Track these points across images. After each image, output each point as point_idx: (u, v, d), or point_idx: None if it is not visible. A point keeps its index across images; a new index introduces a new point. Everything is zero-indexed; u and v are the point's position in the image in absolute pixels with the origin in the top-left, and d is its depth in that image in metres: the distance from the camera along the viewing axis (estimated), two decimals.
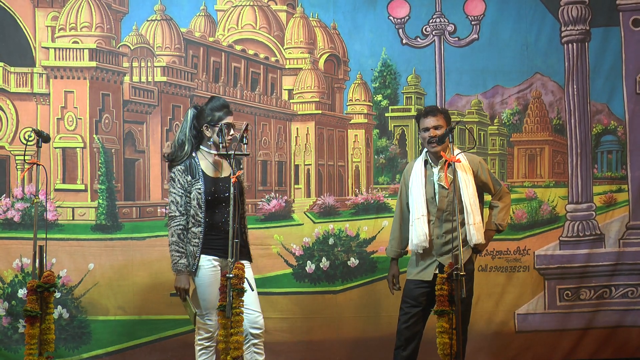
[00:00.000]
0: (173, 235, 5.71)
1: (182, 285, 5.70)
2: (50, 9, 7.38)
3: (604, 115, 7.88)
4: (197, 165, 5.75)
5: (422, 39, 7.77)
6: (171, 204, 5.74)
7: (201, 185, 5.72)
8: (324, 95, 7.76)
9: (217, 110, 5.75)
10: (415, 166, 6.23)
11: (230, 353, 5.57)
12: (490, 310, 7.63)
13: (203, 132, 5.79)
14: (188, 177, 5.72)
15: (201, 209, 5.72)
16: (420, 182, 6.14)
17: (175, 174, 5.74)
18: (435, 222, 6.13)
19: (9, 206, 7.25)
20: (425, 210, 6.11)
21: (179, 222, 5.72)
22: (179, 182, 5.72)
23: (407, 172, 6.31)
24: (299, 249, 7.58)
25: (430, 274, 6.10)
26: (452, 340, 5.66)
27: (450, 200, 6.06)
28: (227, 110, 5.79)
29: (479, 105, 7.83)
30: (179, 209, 5.72)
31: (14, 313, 7.14)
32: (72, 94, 7.35)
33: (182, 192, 5.73)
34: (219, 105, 5.78)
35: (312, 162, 7.71)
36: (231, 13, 7.72)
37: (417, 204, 6.13)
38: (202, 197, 5.72)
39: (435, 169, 6.14)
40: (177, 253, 5.69)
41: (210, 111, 5.77)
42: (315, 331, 7.54)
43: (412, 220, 6.16)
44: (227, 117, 5.77)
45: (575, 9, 7.79)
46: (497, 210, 6.24)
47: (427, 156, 6.20)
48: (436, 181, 6.12)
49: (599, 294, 7.75)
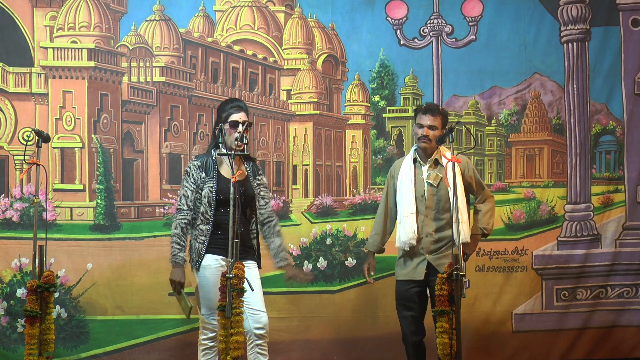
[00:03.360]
0: (177, 227, 5.71)
1: (178, 278, 5.70)
2: (49, 9, 7.37)
3: (602, 115, 7.90)
4: (214, 165, 5.74)
5: (419, 39, 7.78)
6: (182, 197, 5.74)
7: (214, 183, 5.71)
8: (322, 95, 7.77)
9: (227, 107, 5.78)
10: (404, 164, 6.24)
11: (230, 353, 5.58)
12: (488, 310, 7.64)
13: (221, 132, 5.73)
14: (202, 173, 5.73)
15: (211, 207, 5.72)
16: (410, 179, 6.15)
17: (191, 168, 5.76)
18: (424, 220, 6.14)
19: (7, 206, 7.25)
20: (415, 208, 6.12)
21: (184, 215, 5.72)
22: (192, 177, 5.73)
23: (395, 169, 6.31)
24: (296, 249, 7.59)
25: (422, 273, 6.11)
26: (452, 340, 5.67)
27: (439, 198, 6.08)
28: (237, 107, 5.76)
29: (476, 106, 7.84)
30: (187, 204, 5.73)
31: (13, 313, 7.14)
32: (71, 94, 7.34)
33: (194, 187, 5.72)
34: (229, 102, 5.83)
35: (310, 163, 7.71)
36: (230, 13, 7.73)
37: (406, 202, 6.14)
38: (214, 195, 5.71)
39: (424, 167, 6.15)
40: (178, 246, 5.69)
41: (219, 111, 5.83)
42: (312, 331, 7.55)
43: (401, 217, 6.17)
44: (235, 114, 5.74)
45: (575, 9, 7.80)
46: (482, 214, 6.24)
47: (416, 154, 6.21)
48: (425, 179, 6.14)
49: (595, 294, 7.77)
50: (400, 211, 6.18)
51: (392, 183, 6.31)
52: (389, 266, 7.50)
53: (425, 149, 6.12)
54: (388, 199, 6.34)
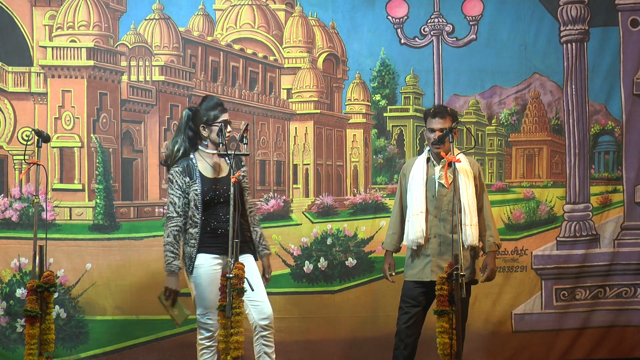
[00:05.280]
0: (169, 235, 5.72)
1: (173, 286, 5.72)
2: (48, 8, 7.35)
3: (601, 115, 7.90)
4: (195, 167, 5.77)
5: (420, 39, 7.78)
6: (169, 204, 5.76)
7: (198, 186, 5.74)
8: (322, 94, 7.75)
9: (212, 109, 5.79)
10: (416, 163, 6.24)
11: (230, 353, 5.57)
12: (488, 310, 7.65)
13: (200, 133, 5.81)
14: (186, 178, 5.75)
15: (198, 210, 5.75)
16: (422, 178, 6.16)
17: (174, 175, 5.77)
18: (433, 220, 6.13)
19: (6, 206, 7.22)
20: (424, 207, 6.12)
21: (176, 223, 5.74)
22: (177, 184, 5.74)
23: (407, 167, 6.31)
24: (297, 249, 7.57)
25: (429, 274, 6.10)
26: (452, 340, 5.67)
27: (449, 199, 6.07)
28: (222, 108, 5.83)
29: (476, 105, 7.84)
30: (176, 210, 5.74)
31: (12, 313, 7.12)
32: (70, 93, 7.32)
33: (179, 194, 5.75)
34: (213, 104, 5.82)
35: (311, 162, 7.70)
36: (229, 12, 7.71)
37: (417, 200, 6.14)
38: (199, 198, 5.74)
39: (437, 167, 6.15)
40: (172, 254, 5.70)
41: (205, 111, 5.81)
42: (313, 331, 7.55)
43: (410, 215, 6.17)
44: (222, 115, 5.80)
45: (575, 9, 7.81)
46: (492, 231, 6.24)
47: (429, 154, 6.22)
48: (437, 180, 6.13)
49: (594, 294, 7.78)
50: (410, 209, 6.18)
51: (404, 182, 6.30)
52: None
53: (439, 154, 6.11)
54: (401, 198, 6.33)
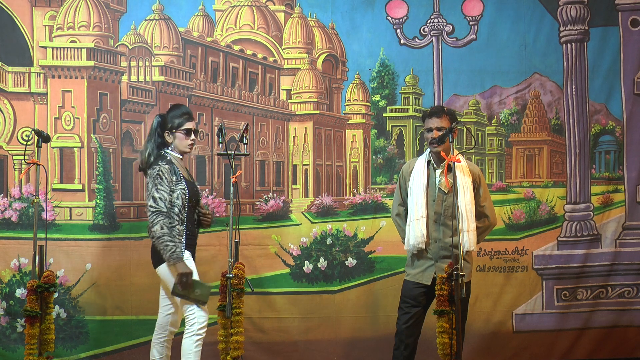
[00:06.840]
0: (163, 227, 5.79)
1: (187, 270, 5.79)
2: (48, 8, 7.36)
3: (602, 115, 7.90)
4: (176, 167, 5.95)
5: (420, 39, 7.77)
6: (159, 200, 5.83)
7: (184, 185, 5.92)
8: (322, 95, 7.75)
9: (178, 117, 6.05)
10: (417, 165, 6.22)
11: (230, 353, 5.57)
12: (488, 310, 7.64)
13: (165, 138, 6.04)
14: (173, 176, 5.91)
15: (185, 208, 5.91)
16: (422, 182, 6.14)
17: (163, 172, 5.89)
18: (432, 225, 6.12)
19: (6, 206, 7.23)
20: (425, 212, 6.11)
21: (166, 216, 5.83)
22: (166, 180, 5.87)
23: (407, 169, 6.29)
24: (296, 249, 7.57)
25: (429, 278, 6.10)
26: (452, 340, 5.66)
27: (449, 204, 6.06)
28: (189, 117, 6.08)
29: (476, 105, 7.83)
30: (166, 205, 5.85)
31: (12, 312, 7.13)
32: (70, 94, 7.33)
33: (168, 190, 5.87)
34: (179, 112, 6.07)
35: (310, 162, 7.70)
36: (229, 13, 7.72)
37: (418, 205, 6.12)
38: (187, 197, 5.92)
39: (437, 171, 6.13)
40: (172, 243, 5.78)
41: (171, 118, 6.04)
42: (312, 331, 7.54)
43: (410, 220, 6.15)
44: (187, 123, 6.04)
45: (574, 9, 7.81)
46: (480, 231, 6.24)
47: (430, 157, 6.20)
48: (437, 184, 6.12)
49: (595, 294, 7.77)
50: (410, 213, 6.16)
51: (404, 184, 6.28)
52: (389, 266, 7.52)
53: (438, 153, 6.10)
54: (402, 201, 6.31)
